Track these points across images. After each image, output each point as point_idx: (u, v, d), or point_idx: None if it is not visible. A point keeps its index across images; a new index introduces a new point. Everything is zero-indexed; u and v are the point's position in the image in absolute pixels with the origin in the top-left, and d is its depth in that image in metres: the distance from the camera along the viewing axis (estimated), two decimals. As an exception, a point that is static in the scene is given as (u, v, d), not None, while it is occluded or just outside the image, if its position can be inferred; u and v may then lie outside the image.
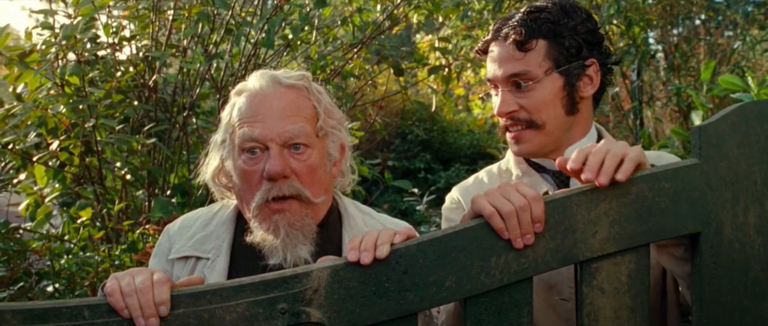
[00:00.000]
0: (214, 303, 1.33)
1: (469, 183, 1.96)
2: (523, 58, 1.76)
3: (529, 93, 1.77)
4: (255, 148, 1.66)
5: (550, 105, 1.77)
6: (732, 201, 1.48)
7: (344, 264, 1.36)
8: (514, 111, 1.78)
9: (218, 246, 1.75)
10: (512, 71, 1.77)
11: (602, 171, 1.39)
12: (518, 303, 1.41)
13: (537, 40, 1.76)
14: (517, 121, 1.79)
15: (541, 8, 1.79)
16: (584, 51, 1.79)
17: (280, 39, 3.58)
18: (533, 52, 1.76)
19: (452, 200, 1.94)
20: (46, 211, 3.30)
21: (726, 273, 1.47)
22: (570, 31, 1.77)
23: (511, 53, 1.77)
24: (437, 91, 4.40)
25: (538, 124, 1.78)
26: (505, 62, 1.78)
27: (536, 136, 1.79)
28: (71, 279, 2.80)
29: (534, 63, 1.76)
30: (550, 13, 1.77)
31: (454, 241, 1.38)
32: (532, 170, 1.86)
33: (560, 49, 1.77)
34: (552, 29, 1.76)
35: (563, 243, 1.41)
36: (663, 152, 1.92)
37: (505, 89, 1.79)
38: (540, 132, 1.78)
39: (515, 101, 1.78)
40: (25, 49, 3.19)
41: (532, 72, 1.76)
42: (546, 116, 1.77)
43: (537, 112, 1.77)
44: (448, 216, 1.92)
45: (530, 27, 1.76)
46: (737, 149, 1.48)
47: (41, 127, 3.05)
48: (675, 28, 6.20)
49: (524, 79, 1.76)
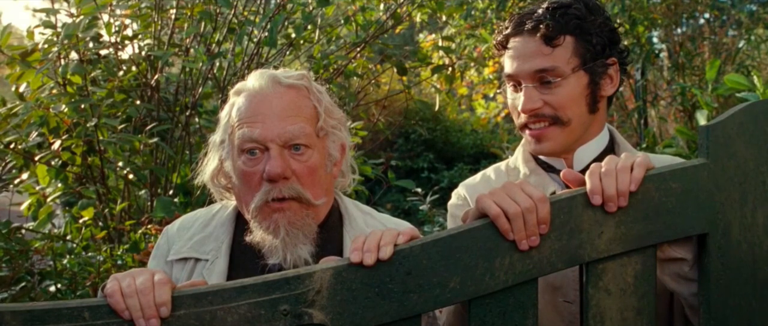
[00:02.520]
0: (215, 305, 1.31)
1: (476, 180, 1.94)
2: (550, 54, 1.72)
3: (555, 89, 1.72)
4: (255, 148, 1.64)
5: (575, 102, 1.74)
6: (740, 202, 1.46)
7: (347, 265, 1.34)
8: (539, 107, 1.74)
9: (217, 248, 1.73)
10: (540, 66, 1.72)
11: (620, 193, 1.39)
12: (523, 305, 1.39)
13: (565, 37, 1.72)
14: (540, 118, 1.75)
15: (565, 4, 1.75)
16: (607, 50, 1.76)
17: (283, 38, 3.57)
18: (561, 47, 1.72)
19: (459, 197, 1.92)
20: (48, 211, 3.29)
21: (734, 274, 1.46)
22: (597, 28, 1.74)
23: (538, 48, 1.72)
24: (440, 90, 4.39)
25: (564, 121, 1.74)
26: (532, 57, 1.73)
27: (560, 133, 1.75)
28: (73, 280, 2.79)
29: (562, 59, 1.72)
30: (578, 10, 1.74)
31: (458, 242, 1.36)
32: (540, 169, 1.83)
33: (588, 46, 1.74)
34: (579, 26, 1.73)
35: (569, 243, 1.39)
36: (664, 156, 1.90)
37: (530, 85, 1.74)
38: (564, 129, 1.75)
39: (540, 97, 1.73)
40: (27, 48, 3.18)
41: (560, 68, 1.72)
42: (572, 113, 1.74)
43: (563, 108, 1.73)
44: (454, 213, 1.90)
45: (559, 22, 1.71)
46: (745, 148, 1.46)
47: (43, 126, 3.03)
48: (679, 28, 6.18)
49: (553, 75, 1.72)
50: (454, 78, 4.11)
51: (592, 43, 1.74)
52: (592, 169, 1.42)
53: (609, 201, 1.39)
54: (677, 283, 1.53)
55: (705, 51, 6.08)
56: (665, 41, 6.18)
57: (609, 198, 1.39)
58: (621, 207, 1.39)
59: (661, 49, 6.34)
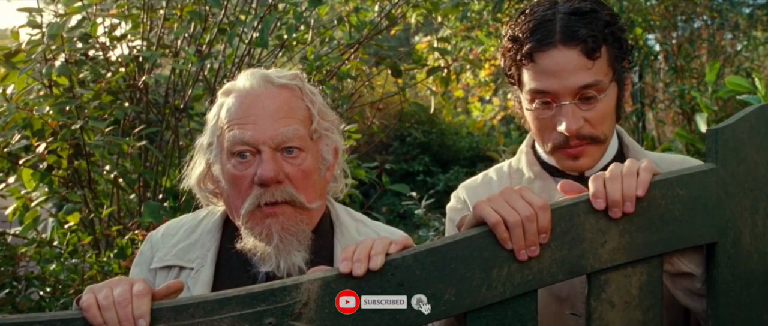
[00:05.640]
0: (197, 317, 1.26)
1: (477, 182, 1.85)
2: (592, 67, 1.57)
3: (595, 105, 1.59)
4: (246, 151, 1.57)
5: (609, 117, 1.63)
6: (751, 209, 1.40)
7: (336, 276, 1.29)
8: (581, 127, 1.59)
9: (203, 256, 1.66)
10: (584, 82, 1.56)
11: (626, 197, 1.32)
12: (522, 318, 1.33)
13: (602, 47, 1.59)
14: (580, 138, 1.61)
15: (590, 9, 1.61)
16: (625, 55, 1.67)
17: (275, 39, 3.51)
18: (601, 60, 1.58)
19: (458, 199, 1.83)
20: (34, 215, 3.22)
21: (744, 286, 1.39)
22: (622, 32, 1.64)
23: (579, 62, 1.56)
24: (436, 92, 4.33)
25: (601, 139, 1.63)
26: (573, 72, 1.56)
27: (597, 150, 1.64)
28: (56, 287, 2.72)
29: (602, 72, 1.59)
30: (608, 15, 1.61)
31: (453, 251, 1.30)
32: (545, 173, 1.74)
33: (618, 54, 1.63)
34: (612, 33, 1.61)
35: (570, 253, 1.33)
36: (667, 154, 1.82)
37: (572, 102, 1.58)
38: (601, 146, 1.64)
39: (581, 115, 1.59)
40: (11, 48, 3.11)
41: (603, 82, 1.58)
42: (607, 129, 1.63)
43: (600, 125, 1.61)
44: (453, 218, 1.80)
45: (602, 31, 1.58)
46: (756, 153, 1.40)
47: (27, 128, 2.96)
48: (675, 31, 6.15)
49: (597, 90, 1.58)
50: (450, 80, 4.05)
51: (622, 51, 1.64)
52: (596, 175, 1.35)
53: (614, 207, 1.32)
54: (690, 299, 1.46)
55: (703, 53, 6.05)
56: (663, 44, 6.14)
57: (614, 203, 1.32)
58: (628, 213, 1.32)
59: (658, 51, 6.31)
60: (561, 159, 1.67)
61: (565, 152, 1.64)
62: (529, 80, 1.63)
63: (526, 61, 1.62)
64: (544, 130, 1.65)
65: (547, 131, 1.64)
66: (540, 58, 1.59)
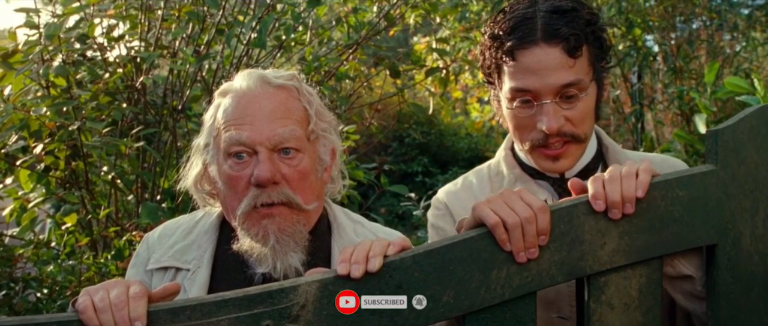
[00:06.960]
0: (193, 320, 1.25)
1: (457, 187, 1.82)
2: (574, 66, 1.56)
3: (576, 104, 1.58)
4: (242, 152, 1.56)
5: (589, 116, 1.62)
6: (751, 211, 1.39)
7: (334, 278, 1.28)
8: (562, 125, 1.58)
9: (199, 257, 1.65)
10: (565, 81, 1.55)
11: (625, 199, 1.31)
12: (521, 320, 1.32)
13: (584, 46, 1.58)
14: (561, 137, 1.59)
15: (572, 7, 1.59)
16: (605, 54, 1.66)
17: (273, 40, 3.50)
18: (582, 58, 1.57)
19: (438, 206, 1.80)
20: (32, 216, 3.21)
21: (744, 287, 1.39)
22: (601, 32, 1.63)
23: (561, 60, 1.55)
24: (434, 93, 4.33)
25: (582, 138, 1.62)
26: (554, 71, 1.55)
27: (577, 149, 1.63)
28: (53, 288, 2.71)
29: (582, 71, 1.57)
30: (589, 14, 1.60)
31: (451, 253, 1.29)
32: (526, 176, 1.72)
33: (598, 53, 1.62)
34: (593, 32, 1.60)
35: (569, 255, 1.32)
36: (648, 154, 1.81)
37: (553, 101, 1.57)
38: (581, 145, 1.63)
39: (562, 114, 1.58)
40: (9, 49, 3.10)
41: (584, 81, 1.57)
42: (587, 128, 1.62)
43: (581, 124, 1.60)
44: (436, 225, 1.78)
45: (583, 30, 1.57)
46: (757, 154, 1.39)
47: (24, 129, 2.95)
48: (674, 32, 6.15)
49: (578, 89, 1.57)
50: (449, 81, 4.04)
51: (603, 50, 1.63)
52: (595, 176, 1.35)
53: (613, 208, 1.31)
54: (691, 302, 1.45)
55: (702, 54, 6.04)
56: (662, 44, 6.14)
57: (613, 204, 1.31)
58: (627, 214, 1.32)
59: (657, 52, 6.30)
60: (539, 159, 1.65)
61: (545, 152, 1.62)
62: (509, 79, 1.61)
63: (507, 58, 1.60)
64: (524, 129, 1.63)
65: (526, 130, 1.62)
66: (521, 55, 1.58)
